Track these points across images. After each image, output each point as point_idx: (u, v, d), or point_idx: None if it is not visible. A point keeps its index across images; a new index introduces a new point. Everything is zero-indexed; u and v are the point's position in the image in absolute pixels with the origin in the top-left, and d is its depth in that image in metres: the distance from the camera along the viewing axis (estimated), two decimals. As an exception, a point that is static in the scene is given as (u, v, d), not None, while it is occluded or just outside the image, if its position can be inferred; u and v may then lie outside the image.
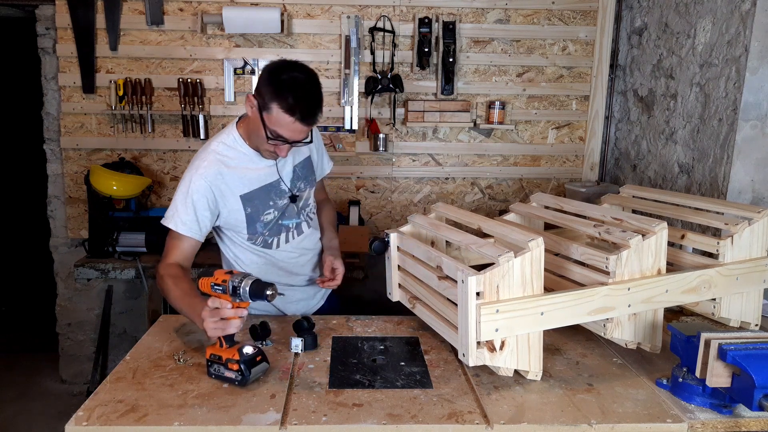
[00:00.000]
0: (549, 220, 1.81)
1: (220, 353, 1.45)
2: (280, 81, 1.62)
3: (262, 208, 1.81)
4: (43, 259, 3.61)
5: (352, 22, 3.15)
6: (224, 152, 1.77)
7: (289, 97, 1.60)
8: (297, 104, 1.60)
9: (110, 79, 3.15)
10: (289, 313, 1.99)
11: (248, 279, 1.41)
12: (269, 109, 1.63)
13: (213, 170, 1.73)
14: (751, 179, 2.32)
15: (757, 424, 1.34)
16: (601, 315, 1.47)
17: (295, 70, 1.64)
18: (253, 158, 1.79)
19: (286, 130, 1.65)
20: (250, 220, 1.81)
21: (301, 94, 1.61)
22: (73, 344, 3.48)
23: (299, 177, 1.89)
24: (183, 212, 1.73)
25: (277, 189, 1.83)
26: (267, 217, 1.83)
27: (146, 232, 3.07)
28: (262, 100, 1.64)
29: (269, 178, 1.82)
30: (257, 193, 1.80)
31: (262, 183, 1.80)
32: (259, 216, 1.81)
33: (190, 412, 1.32)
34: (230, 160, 1.77)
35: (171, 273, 1.69)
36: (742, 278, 1.66)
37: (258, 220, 1.82)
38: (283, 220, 1.88)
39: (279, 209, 1.85)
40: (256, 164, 1.80)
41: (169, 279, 1.67)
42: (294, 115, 1.61)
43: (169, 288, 1.65)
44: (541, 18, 3.26)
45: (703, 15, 2.54)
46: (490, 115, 3.25)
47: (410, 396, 1.41)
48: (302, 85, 1.62)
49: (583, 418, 1.32)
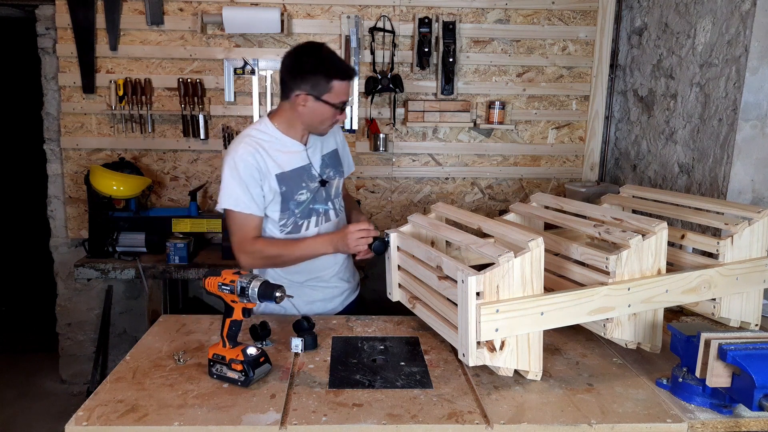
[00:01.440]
0: (549, 220, 1.81)
1: (224, 353, 1.45)
2: (322, 61, 1.82)
3: (295, 188, 1.92)
4: (43, 259, 3.61)
5: (352, 22, 3.15)
6: (258, 136, 1.90)
7: (339, 67, 1.83)
8: (346, 68, 1.86)
9: (110, 79, 3.15)
10: (302, 312, 1.97)
11: (257, 280, 1.41)
12: (331, 89, 1.82)
13: (250, 151, 1.86)
14: (751, 179, 2.32)
15: (757, 424, 1.34)
16: (601, 315, 1.47)
17: (316, 49, 1.86)
18: (285, 143, 1.92)
19: (346, 94, 1.87)
20: (285, 198, 1.91)
21: (339, 60, 1.87)
22: (73, 344, 3.48)
23: (328, 165, 2.02)
24: (240, 193, 1.84)
25: (308, 172, 1.96)
26: (300, 197, 1.94)
27: (146, 232, 3.07)
28: (317, 88, 1.81)
29: (301, 162, 1.94)
30: (291, 174, 1.91)
31: (295, 165, 1.93)
32: (293, 195, 1.92)
33: (190, 412, 1.32)
34: (265, 143, 1.89)
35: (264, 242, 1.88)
36: (742, 278, 1.66)
37: (292, 198, 1.92)
38: (314, 204, 1.98)
39: (311, 191, 1.96)
40: (289, 148, 1.93)
41: (268, 244, 1.87)
42: (349, 77, 1.85)
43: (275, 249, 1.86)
44: (541, 18, 3.26)
45: (703, 15, 2.54)
46: (490, 115, 3.25)
47: (410, 396, 1.41)
48: (333, 55, 1.86)
49: (583, 418, 1.32)
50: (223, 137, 3.21)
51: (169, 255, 2.97)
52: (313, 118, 1.87)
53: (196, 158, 3.31)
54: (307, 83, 1.80)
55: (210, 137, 3.26)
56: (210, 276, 1.47)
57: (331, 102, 1.83)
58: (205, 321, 1.84)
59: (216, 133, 3.26)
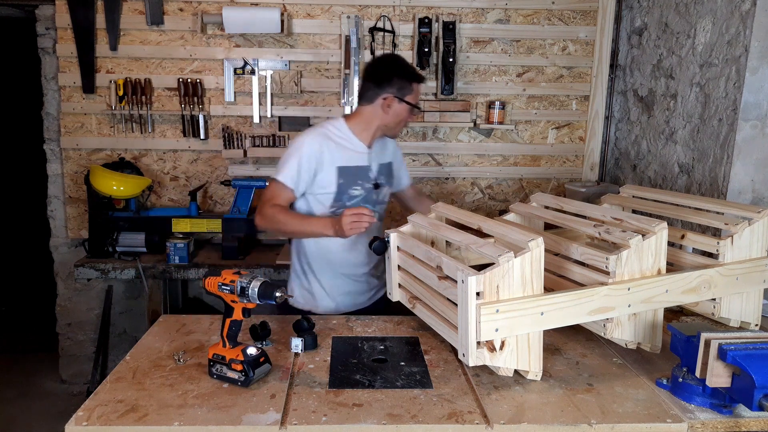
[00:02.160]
0: (549, 220, 1.81)
1: (224, 353, 1.45)
2: (403, 67, 2.11)
3: (351, 183, 2.08)
4: (43, 259, 3.61)
5: (352, 22, 3.15)
6: (331, 130, 2.10)
7: (413, 71, 2.10)
8: (417, 72, 2.12)
9: (110, 79, 3.15)
10: (333, 304, 2.14)
11: (257, 280, 1.41)
12: (411, 90, 2.07)
13: (320, 140, 2.05)
14: (751, 179, 2.32)
15: (757, 424, 1.34)
16: (601, 315, 1.47)
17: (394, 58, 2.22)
18: (353, 143, 2.10)
19: (419, 96, 2.19)
20: (340, 190, 2.07)
21: (410, 65, 2.16)
22: (73, 344, 3.48)
23: (382, 173, 2.19)
24: (291, 168, 2.01)
25: (365, 173, 2.12)
26: (354, 192, 2.09)
27: (146, 232, 3.08)
28: (402, 90, 2.06)
29: (362, 162, 2.11)
30: (351, 169, 2.08)
31: (356, 164, 2.10)
32: (348, 189, 2.08)
33: (190, 412, 1.32)
34: (334, 137, 2.08)
35: (281, 209, 2.00)
36: (742, 278, 1.66)
37: (346, 192, 2.08)
38: (365, 203, 2.12)
39: (365, 190, 2.12)
40: (355, 148, 2.10)
41: (281, 210, 1.99)
42: (422, 81, 2.13)
43: (284, 216, 1.98)
44: (541, 18, 3.26)
45: (703, 15, 2.54)
46: (490, 115, 3.25)
47: (410, 396, 1.41)
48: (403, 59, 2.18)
49: (583, 418, 1.32)
50: (223, 137, 3.21)
51: (169, 255, 2.97)
52: (394, 119, 2.09)
53: (196, 158, 3.31)
54: (394, 87, 2.04)
55: (210, 137, 3.26)
56: (210, 276, 1.47)
57: (411, 102, 2.07)
58: (205, 321, 1.84)
59: (216, 133, 3.26)
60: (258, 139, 3.23)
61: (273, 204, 2.00)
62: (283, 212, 1.99)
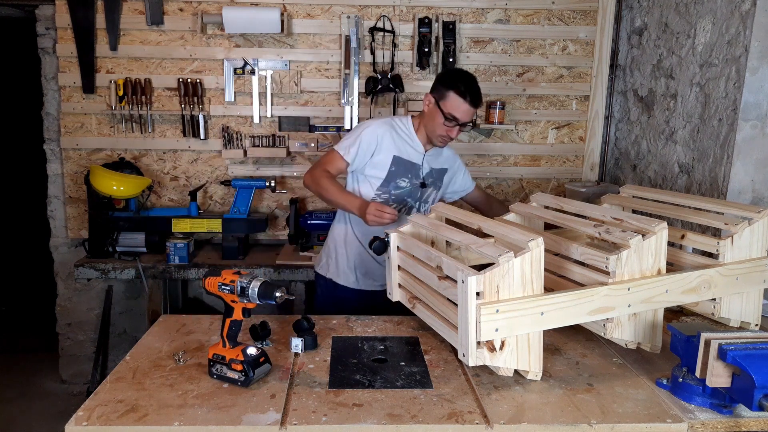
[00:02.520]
0: (549, 220, 1.81)
1: (224, 353, 1.45)
2: (453, 75, 2.19)
3: (401, 174, 2.24)
4: (43, 259, 3.61)
5: (352, 22, 3.15)
6: (398, 123, 2.27)
7: (462, 85, 2.11)
8: (467, 90, 2.11)
9: (110, 79, 3.15)
10: (353, 278, 2.34)
11: (257, 280, 1.41)
12: (446, 97, 2.12)
13: (385, 128, 2.23)
14: (751, 179, 2.32)
15: (757, 424, 1.34)
16: (601, 315, 1.47)
17: (461, 71, 2.24)
18: (413, 139, 2.26)
19: (459, 111, 2.13)
20: (389, 177, 2.23)
21: (469, 83, 2.14)
22: (73, 344, 3.48)
23: (432, 175, 2.33)
24: (351, 143, 2.20)
25: (416, 170, 2.27)
26: (401, 183, 2.25)
27: (146, 232, 3.08)
28: (438, 93, 2.14)
29: (415, 159, 2.26)
30: (404, 162, 2.24)
31: (411, 159, 2.25)
32: (396, 178, 2.24)
33: (190, 412, 1.32)
34: (398, 130, 2.25)
35: (328, 176, 2.19)
36: (742, 278, 1.66)
37: (394, 180, 2.24)
38: (409, 197, 2.28)
39: (411, 185, 2.26)
40: (414, 144, 2.26)
41: (328, 178, 2.18)
42: (466, 99, 2.11)
43: (328, 183, 2.17)
44: (541, 18, 3.26)
45: (703, 15, 2.54)
46: (490, 115, 3.25)
47: (410, 396, 1.41)
48: (470, 78, 2.17)
49: (583, 418, 1.32)
50: (223, 137, 3.21)
51: (169, 255, 2.97)
52: (429, 121, 2.19)
53: (196, 158, 3.31)
54: (437, 87, 2.16)
55: (210, 137, 3.26)
56: (210, 276, 1.47)
57: (442, 109, 2.12)
58: (205, 321, 1.84)
59: (216, 133, 3.26)
60: (258, 139, 3.23)
61: (324, 169, 2.21)
62: (328, 178, 2.19)
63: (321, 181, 2.19)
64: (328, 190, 2.17)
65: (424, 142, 2.26)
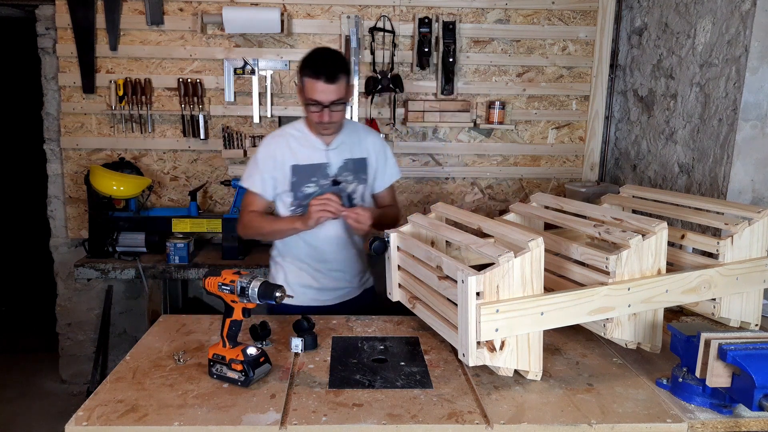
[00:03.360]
0: (549, 220, 1.81)
1: (224, 353, 1.45)
2: (305, 58, 1.98)
3: (304, 181, 2.09)
4: (43, 259, 3.61)
5: (352, 22, 3.15)
6: (289, 131, 2.13)
7: (311, 65, 1.94)
8: (318, 67, 1.92)
9: (110, 79, 3.15)
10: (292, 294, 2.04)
11: (257, 280, 1.41)
12: (303, 84, 1.96)
13: (276, 142, 2.11)
14: (751, 179, 2.32)
15: (757, 424, 1.34)
16: (601, 315, 1.47)
17: (316, 49, 2.04)
18: (310, 140, 2.10)
19: (317, 93, 1.93)
20: (293, 188, 2.09)
21: (320, 60, 1.95)
22: (73, 344, 3.48)
23: (348, 169, 2.13)
24: (253, 173, 2.10)
25: (323, 171, 2.10)
26: (307, 189, 2.09)
27: (146, 232, 3.08)
28: (300, 84, 1.98)
29: (318, 159, 2.10)
30: (304, 167, 2.08)
31: (311, 161, 2.09)
32: (301, 186, 2.09)
33: (190, 412, 1.32)
34: (291, 138, 2.11)
35: (257, 215, 2.10)
36: (742, 278, 1.66)
37: (299, 189, 2.09)
38: None
39: (320, 187, 2.09)
40: (311, 145, 2.10)
41: (257, 216, 2.09)
42: (319, 78, 1.91)
43: (259, 221, 2.08)
44: (541, 18, 3.26)
45: (703, 15, 2.54)
46: (490, 115, 3.25)
47: (410, 396, 1.41)
48: (322, 54, 1.98)
49: (583, 418, 1.32)
50: (223, 137, 3.21)
51: (169, 255, 2.97)
52: (306, 113, 2.04)
53: (196, 158, 3.31)
54: (298, 76, 1.99)
55: (210, 137, 3.26)
56: (210, 276, 1.47)
57: (304, 96, 1.97)
58: (205, 321, 1.84)
59: (216, 133, 3.26)
60: (258, 139, 3.23)
61: (249, 211, 2.11)
62: (258, 217, 2.09)
63: (252, 223, 2.09)
64: (263, 226, 2.08)
65: (321, 136, 2.09)
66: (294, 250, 2.15)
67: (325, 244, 2.11)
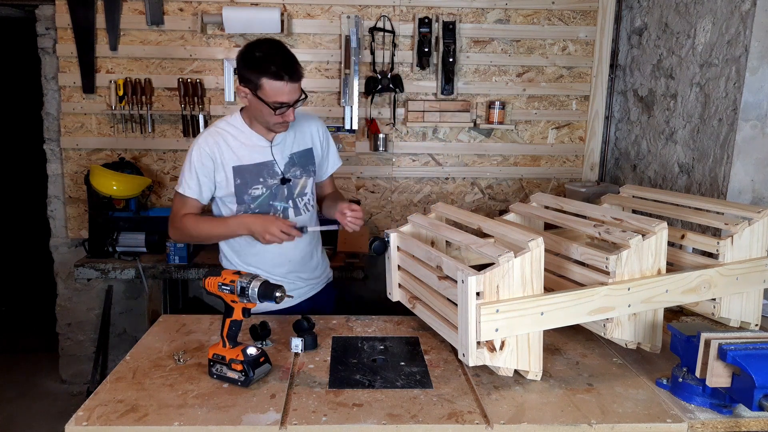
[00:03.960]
0: (549, 220, 1.81)
1: (224, 353, 1.45)
2: (257, 59, 1.80)
3: (251, 182, 1.95)
4: (43, 259, 3.61)
5: (352, 22, 3.15)
6: (224, 128, 1.96)
7: (272, 67, 1.79)
8: (280, 69, 1.79)
9: (110, 79, 3.15)
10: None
11: (257, 280, 1.42)
12: (261, 87, 1.80)
13: (211, 141, 1.93)
14: (751, 179, 2.32)
15: (757, 424, 1.34)
16: (601, 315, 1.47)
17: (261, 46, 1.84)
18: (250, 137, 1.95)
19: (282, 94, 1.81)
20: (239, 191, 1.95)
21: (278, 59, 1.80)
22: (73, 344, 3.48)
23: (295, 163, 2.01)
24: (188, 177, 1.93)
25: (270, 169, 1.97)
26: (255, 192, 1.96)
27: (146, 232, 3.07)
28: (251, 84, 1.82)
29: (263, 158, 1.96)
30: (249, 168, 1.94)
31: (255, 161, 1.95)
32: (248, 189, 1.95)
33: (190, 412, 1.32)
34: (228, 135, 1.94)
35: (190, 216, 1.93)
36: (742, 278, 1.66)
37: (246, 192, 1.95)
38: (274, 200, 1.99)
39: (269, 188, 1.97)
40: (253, 142, 1.95)
41: (193, 219, 1.93)
42: (283, 79, 1.79)
43: (197, 223, 1.92)
44: (541, 18, 3.26)
45: (703, 15, 2.54)
46: (490, 115, 3.25)
47: (410, 396, 1.41)
48: (275, 53, 1.82)
49: (583, 418, 1.32)
50: (223, 137, 3.21)
51: (169, 255, 2.97)
52: (256, 114, 1.89)
53: (196, 158, 3.30)
54: (245, 75, 1.83)
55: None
56: (210, 276, 1.47)
57: (264, 100, 1.82)
58: (205, 321, 1.84)
59: (216, 133, 3.25)
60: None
61: (182, 215, 1.94)
62: (194, 220, 1.93)
63: (187, 226, 1.92)
64: (202, 229, 1.93)
65: (264, 132, 1.95)
66: (245, 256, 2.01)
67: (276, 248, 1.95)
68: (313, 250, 2.13)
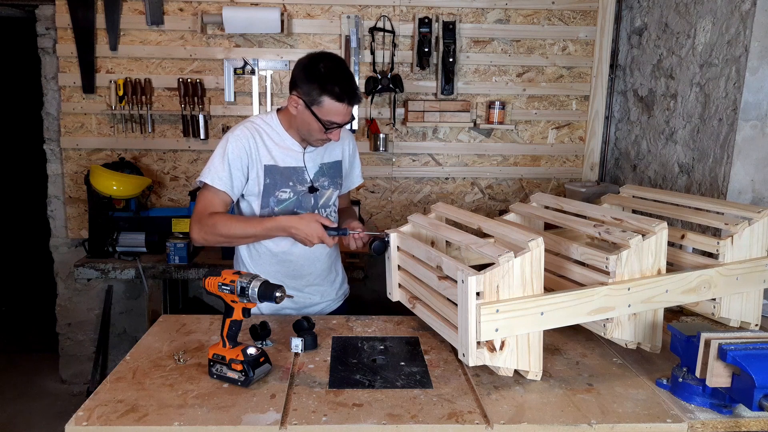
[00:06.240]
0: (549, 220, 1.81)
1: (224, 353, 1.45)
2: (321, 75, 1.76)
3: (280, 185, 1.91)
4: (43, 259, 3.61)
5: (352, 22, 3.15)
6: (261, 125, 1.91)
7: (336, 87, 1.75)
8: (343, 92, 1.76)
9: (110, 79, 3.15)
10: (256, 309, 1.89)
11: (257, 280, 1.41)
12: (320, 103, 1.77)
13: (248, 134, 1.87)
14: (751, 179, 2.32)
15: (757, 424, 1.33)
16: (601, 315, 1.47)
17: (325, 60, 1.80)
18: (285, 139, 1.91)
19: (338, 115, 1.79)
20: (266, 192, 1.90)
21: (343, 82, 1.77)
22: (73, 344, 3.48)
23: (324, 174, 1.98)
24: (220, 169, 1.83)
25: (300, 175, 1.93)
26: (282, 195, 1.91)
27: (146, 232, 3.07)
28: (309, 97, 1.77)
29: (295, 162, 1.92)
30: (280, 170, 1.90)
31: (287, 164, 1.91)
32: (275, 191, 1.90)
33: (190, 412, 1.32)
34: (264, 133, 1.90)
35: (220, 215, 1.82)
36: (742, 278, 1.66)
37: (272, 194, 1.90)
38: (299, 208, 1.94)
39: (296, 193, 1.93)
40: (287, 145, 1.91)
41: (222, 217, 1.81)
42: (344, 101, 1.77)
43: (228, 222, 1.81)
44: (541, 18, 3.26)
45: (703, 15, 2.54)
46: (490, 115, 3.25)
47: (410, 396, 1.41)
48: (341, 73, 1.78)
49: (583, 418, 1.32)
50: (223, 137, 3.21)
51: (169, 255, 2.97)
52: (301, 125, 1.84)
53: (196, 158, 3.31)
54: (303, 87, 1.77)
55: (210, 137, 3.26)
56: (210, 276, 1.47)
57: (318, 116, 1.78)
58: (205, 321, 1.84)
59: (216, 133, 3.26)
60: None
61: (209, 214, 1.81)
62: (225, 218, 1.82)
63: (218, 225, 1.79)
64: (233, 227, 1.80)
65: (299, 139, 1.90)
66: (264, 266, 1.94)
67: (300, 258, 1.95)
68: (332, 263, 2.09)
